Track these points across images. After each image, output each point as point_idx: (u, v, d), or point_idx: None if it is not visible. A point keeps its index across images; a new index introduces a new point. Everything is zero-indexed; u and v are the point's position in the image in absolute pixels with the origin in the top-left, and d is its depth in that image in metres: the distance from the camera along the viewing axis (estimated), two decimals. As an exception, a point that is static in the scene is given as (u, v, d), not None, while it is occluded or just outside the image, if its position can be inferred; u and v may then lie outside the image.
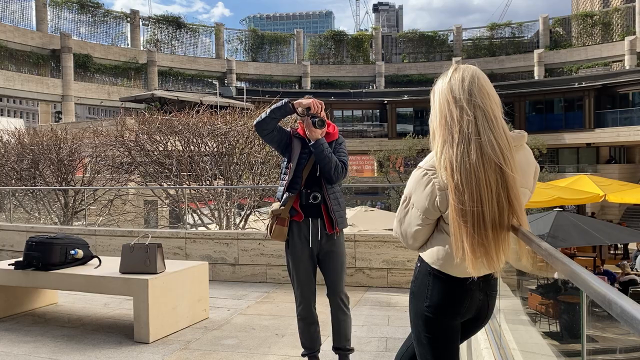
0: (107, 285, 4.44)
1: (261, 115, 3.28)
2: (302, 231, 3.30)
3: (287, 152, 3.36)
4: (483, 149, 1.64)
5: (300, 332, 3.43)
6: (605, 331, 6.97)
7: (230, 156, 10.61)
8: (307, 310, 3.35)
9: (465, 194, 1.64)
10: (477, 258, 1.67)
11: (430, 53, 50.58)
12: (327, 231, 3.29)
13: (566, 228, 10.14)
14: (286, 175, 3.31)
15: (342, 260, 3.38)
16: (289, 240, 3.32)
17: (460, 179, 1.64)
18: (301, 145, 3.33)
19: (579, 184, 16.00)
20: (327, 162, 3.21)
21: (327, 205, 3.27)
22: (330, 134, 3.38)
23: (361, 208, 14.85)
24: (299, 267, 3.31)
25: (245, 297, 5.77)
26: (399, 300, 5.46)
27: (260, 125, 3.27)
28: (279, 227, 3.27)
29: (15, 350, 4.04)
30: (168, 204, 11.95)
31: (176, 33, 47.28)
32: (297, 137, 3.39)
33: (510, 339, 2.70)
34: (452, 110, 1.69)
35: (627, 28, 42.79)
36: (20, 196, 12.24)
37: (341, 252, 3.38)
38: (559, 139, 32.96)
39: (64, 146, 12.29)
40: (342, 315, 3.37)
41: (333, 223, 3.28)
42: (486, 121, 1.66)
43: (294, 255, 3.32)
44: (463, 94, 1.68)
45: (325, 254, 3.33)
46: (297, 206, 3.28)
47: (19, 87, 36.02)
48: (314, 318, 3.40)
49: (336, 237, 3.34)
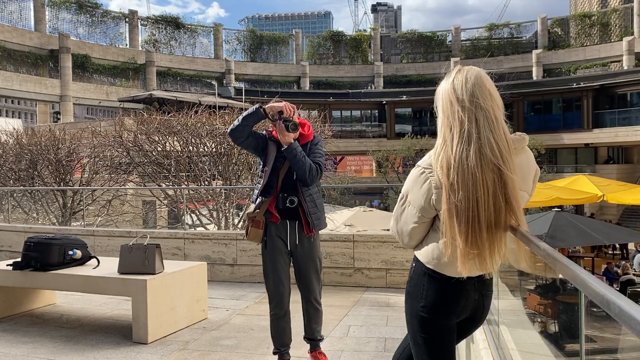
0: (106, 286, 4.44)
1: (234, 123, 3.28)
2: (280, 233, 3.36)
3: (263, 155, 3.38)
4: (482, 149, 1.64)
5: (274, 331, 3.49)
6: (603, 331, 6.97)
7: (229, 156, 10.61)
8: (283, 310, 3.42)
9: (460, 193, 1.64)
10: (468, 259, 1.67)
11: (429, 53, 50.64)
12: (305, 233, 3.35)
13: (565, 228, 10.15)
14: (262, 178, 3.35)
15: (317, 262, 3.46)
16: (267, 241, 3.37)
17: (457, 178, 1.65)
18: (277, 148, 3.34)
19: (577, 184, 16.02)
20: (301, 166, 3.24)
21: (303, 207, 3.30)
22: (305, 135, 3.40)
23: (360, 208, 14.83)
24: (275, 268, 3.37)
25: (244, 298, 5.77)
26: (398, 300, 5.45)
27: (233, 132, 3.28)
28: (254, 230, 3.33)
29: (14, 351, 4.04)
30: (167, 204, 11.94)
31: (175, 33, 47.26)
32: (272, 140, 3.39)
33: (509, 339, 2.70)
34: (454, 110, 1.70)
35: (625, 28, 42.88)
36: (18, 196, 12.21)
37: (316, 254, 3.45)
38: (557, 139, 33.02)
39: (62, 146, 12.27)
40: (313, 311, 3.49)
41: (310, 225, 3.33)
42: (487, 122, 1.67)
43: (271, 256, 3.38)
44: (465, 94, 1.69)
45: (300, 256, 3.40)
46: (272, 209, 3.33)
47: (17, 87, 35.98)
48: (288, 317, 3.49)
49: (313, 239, 3.41)
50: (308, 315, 3.51)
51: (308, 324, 3.53)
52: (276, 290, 3.39)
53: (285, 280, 3.40)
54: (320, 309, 3.54)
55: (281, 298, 3.39)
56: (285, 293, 3.40)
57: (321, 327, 3.60)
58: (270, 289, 3.42)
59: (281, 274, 3.37)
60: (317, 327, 3.55)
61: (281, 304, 3.40)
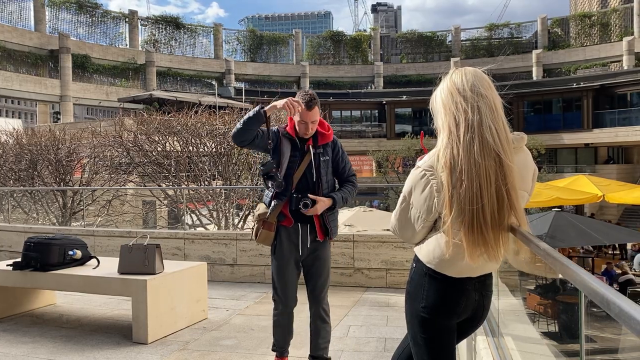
0: (106, 286, 4.43)
1: (236, 127, 3.02)
2: (291, 237, 3.17)
3: (276, 155, 3.12)
4: (484, 136, 1.66)
5: (276, 333, 3.35)
6: (603, 331, 6.97)
7: (229, 156, 10.61)
8: (288, 314, 3.29)
9: (464, 183, 1.65)
10: (476, 252, 1.67)
11: (429, 53, 50.67)
12: (318, 238, 3.17)
13: (565, 228, 10.14)
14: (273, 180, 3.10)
15: (328, 269, 3.28)
16: (277, 244, 3.19)
17: (462, 168, 1.65)
18: (291, 147, 3.11)
19: (577, 184, 16.02)
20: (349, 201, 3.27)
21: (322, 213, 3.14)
22: (326, 135, 3.19)
23: (360, 208, 14.81)
24: (285, 272, 3.20)
25: (244, 298, 5.77)
26: (398, 300, 5.45)
27: (236, 137, 3.04)
28: (266, 232, 3.13)
29: (14, 351, 4.03)
30: (167, 204, 11.94)
31: (175, 33, 47.28)
32: (286, 137, 3.15)
33: (509, 339, 2.70)
34: (456, 101, 1.71)
35: (625, 29, 42.89)
36: (18, 197, 12.21)
37: (328, 259, 3.28)
38: (557, 139, 33.02)
39: (62, 147, 12.28)
40: (321, 323, 3.28)
41: (326, 232, 3.18)
42: (488, 110, 1.69)
43: (280, 260, 3.20)
44: (467, 85, 1.72)
45: (312, 261, 3.22)
46: (286, 211, 3.13)
47: (17, 87, 36.01)
48: (292, 321, 3.35)
49: (325, 244, 3.24)
50: (316, 329, 3.28)
51: (314, 338, 3.29)
52: (284, 296, 3.24)
53: (292, 286, 3.24)
54: (329, 322, 3.32)
55: (287, 303, 3.25)
56: (292, 299, 3.26)
57: (329, 344, 3.34)
58: (277, 294, 3.27)
59: (289, 279, 3.21)
60: (323, 343, 3.30)
61: (287, 308, 3.27)
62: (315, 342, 3.28)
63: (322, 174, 3.14)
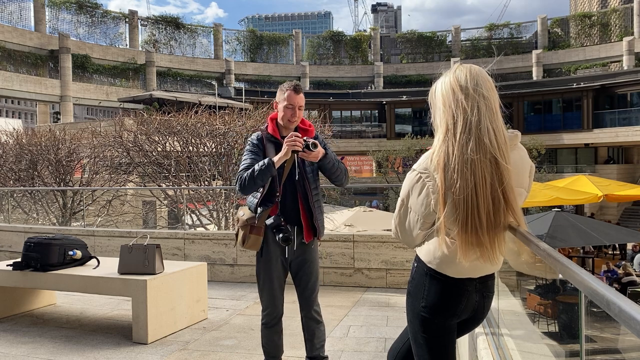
0: (106, 286, 4.43)
1: (245, 182, 2.93)
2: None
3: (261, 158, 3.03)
4: (481, 138, 1.65)
5: (265, 340, 3.28)
6: (603, 331, 6.97)
7: (229, 156, 10.62)
8: (276, 319, 3.22)
9: (458, 182, 1.64)
10: (469, 249, 1.67)
11: (429, 54, 50.66)
12: (305, 240, 3.09)
13: (565, 228, 10.15)
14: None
15: (317, 269, 3.21)
16: (263, 247, 3.10)
17: (456, 167, 1.64)
18: (275, 150, 3.02)
19: (577, 184, 16.01)
20: (339, 174, 3.06)
21: (311, 213, 3.07)
22: (308, 130, 3.15)
23: (360, 208, 14.84)
24: (272, 276, 3.13)
25: (244, 298, 5.77)
26: (398, 300, 5.46)
27: (246, 190, 2.98)
28: (255, 237, 3.04)
29: (14, 351, 4.04)
30: (167, 204, 11.95)
31: (174, 33, 47.28)
32: (270, 140, 3.09)
33: (509, 339, 2.70)
34: (457, 98, 1.69)
35: (625, 29, 42.89)
36: (18, 197, 12.21)
37: (316, 260, 3.21)
38: (557, 139, 33.03)
39: (62, 147, 12.28)
40: (315, 324, 3.22)
41: (314, 232, 3.11)
42: (488, 112, 1.68)
43: (267, 263, 3.12)
44: (470, 83, 1.69)
45: (299, 264, 3.15)
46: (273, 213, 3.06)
47: (17, 87, 36.01)
48: (281, 326, 3.27)
49: (313, 246, 3.18)
50: (309, 330, 3.22)
51: (309, 339, 3.23)
52: (270, 302, 3.17)
53: (280, 290, 3.17)
54: (322, 320, 3.25)
55: (274, 308, 3.18)
56: (279, 304, 3.19)
57: (324, 342, 3.29)
58: (263, 299, 3.20)
59: (276, 283, 3.14)
60: (319, 343, 3.24)
61: (274, 313, 3.19)
62: (310, 344, 3.24)
63: (308, 171, 3.10)
